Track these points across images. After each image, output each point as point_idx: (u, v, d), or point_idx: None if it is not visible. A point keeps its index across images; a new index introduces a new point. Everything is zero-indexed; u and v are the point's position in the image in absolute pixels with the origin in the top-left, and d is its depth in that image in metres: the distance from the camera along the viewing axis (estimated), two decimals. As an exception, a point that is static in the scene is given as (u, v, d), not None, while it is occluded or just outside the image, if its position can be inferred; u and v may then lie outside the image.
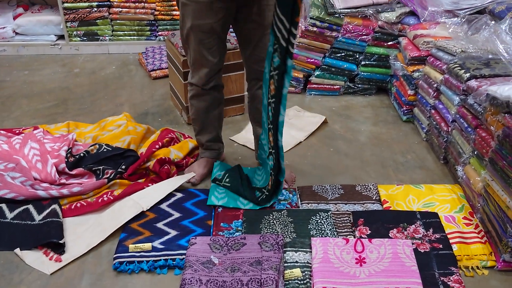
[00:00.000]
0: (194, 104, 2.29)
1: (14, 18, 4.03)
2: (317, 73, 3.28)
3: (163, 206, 2.20)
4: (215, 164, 2.43)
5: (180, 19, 2.10)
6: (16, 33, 4.02)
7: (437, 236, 1.99)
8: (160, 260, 1.90)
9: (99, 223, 2.11)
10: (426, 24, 2.95)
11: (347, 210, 2.16)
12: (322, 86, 3.32)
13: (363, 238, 1.98)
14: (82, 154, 2.43)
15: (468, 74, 2.26)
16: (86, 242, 2.01)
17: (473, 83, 2.21)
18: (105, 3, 3.91)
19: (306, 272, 1.82)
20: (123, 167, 2.37)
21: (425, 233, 2.01)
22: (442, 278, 1.80)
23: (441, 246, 1.94)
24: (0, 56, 3.95)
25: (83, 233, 2.07)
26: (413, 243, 1.95)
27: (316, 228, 2.04)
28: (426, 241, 1.97)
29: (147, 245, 1.96)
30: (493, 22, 2.60)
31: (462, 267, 1.89)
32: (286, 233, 2.01)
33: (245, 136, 2.80)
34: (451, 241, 1.97)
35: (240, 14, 2.05)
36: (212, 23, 2.01)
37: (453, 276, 1.81)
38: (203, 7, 1.98)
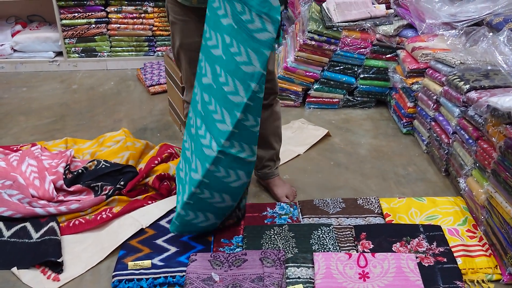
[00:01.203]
0: None
1: (13, 35, 4.04)
2: (316, 86, 3.28)
3: (163, 222, 2.17)
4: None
5: (171, 37, 2.09)
6: (15, 50, 4.02)
7: (441, 250, 1.96)
8: (160, 277, 1.87)
9: (98, 242, 2.08)
10: (424, 37, 2.95)
11: (349, 224, 2.14)
12: (321, 99, 3.32)
13: (366, 252, 1.95)
14: (80, 171, 2.41)
15: (468, 86, 2.25)
16: (84, 261, 1.98)
17: (473, 94, 2.20)
18: (103, 19, 3.92)
19: (308, 288, 1.79)
20: (122, 183, 2.34)
21: (429, 246, 1.98)
22: (447, 293, 1.77)
23: (445, 259, 1.91)
24: (-2, 73, 3.95)
25: (82, 252, 2.03)
26: (416, 257, 1.92)
27: (318, 243, 2.01)
28: (430, 255, 1.94)
29: (147, 262, 1.92)
30: (491, 33, 2.61)
31: (468, 281, 1.85)
32: (287, 248, 1.98)
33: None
34: (455, 254, 1.94)
35: None
36: (200, 41, 1.99)
37: (459, 290, 1.78)
38: (191, 25, 1.96)
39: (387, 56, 3.20)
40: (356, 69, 3.23)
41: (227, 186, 1.85)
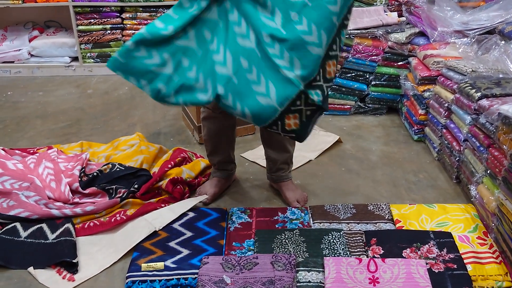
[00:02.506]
0: (206, 125, 2.31)
1: (30, 40, 4.12)
2: (327, 93, 3.30)
3: (175, 225, 2.20)
4: None
5: None
6: (32, 55, 4.11)
7: (451, 256, 1.97)
8: (173, 279, 1.90)
9: (112, 244, 2.12)
10: (436, 45, 2.97)
11: (359, 230, 2.15)
12: (332, 106, 3.34)
13: (376, 258, 1.97)
14: (95, 174, 2.45)
15: (479, 94, 2.26)
16: (99, 263, 2.02)
17: (484, 102, 2.21)
18: (118, 25, 3.99)
19: (319, 292, 1.81)
20: (136, 186, 2.38)
21: (439, 253, 1.99)
22: (457, 299, 1.78)
23: (455, 266, 1.92)
24: (16, 78, 4.03)
25: (96, 253, 2.08)
26: (427, 263, 1.93)
27: (329, 247, 2.03)
28: (440, 261, 1.95)
29: (160, 264, 1.96)
30: (503, 42, 2.62)
31: (477, 288, 1.86)
32: (298, 252, 2.01)
33: (256, 153, 2.82)
34: (465, 261, 1.95)
35: None
36: None
37: (468, 296, 1.79)
38: None
39: (399, 63, 3.22)
40: (367, 76, 3.26)
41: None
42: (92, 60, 4.08)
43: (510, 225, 1.88)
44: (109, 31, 4.00)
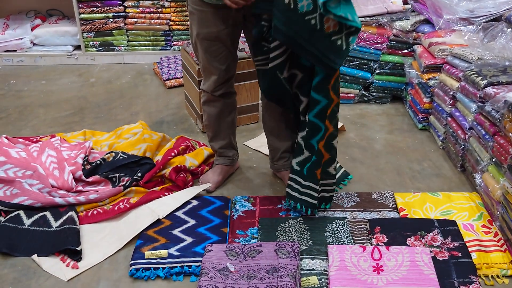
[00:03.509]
0: (206, 110, 2.31)
1: (32, 29, 4.10)
2: (331, 81, 3.28)
3: (179, 213, 2.20)
4: None
5: (189, 27, 2.14)
6: (34, 44, 4.08)
7: (455, 244, 1.96)
8: (176, 267, 1.90)
9: (116, 232, 2.12)
10: (441, 32, 2.94)
11: (363, 218, 2.15)
12: (336, 94, 3.32)
13: (380, 246, 1.96)
14: (98, 162, 2.45)
15: (485, 81, 2.24)
16: (103, 250, 2.02)
17: (490, 90, 2.19)
18: (121, 13, 3.96)
19: (323, 280, 1.81)
20: (139, 174, 2.38)
21: (443, 241, 1.98)
22: (461, 287, 1.77)
23: (460, 254, 1.92)
24: (18, 66, 4.02)
25: (100, 241, 2.08)
26: (431, 251, 1.92)
27: (333, 235, 2.03)
28: (445, 249, 1.94)
29: (163, 252, 1.96)
30: (509, 29, 2.59)
31: (482, 276, 1.86)
32: (302, 240, 2.00)
33: (259, 141, 2.81)
34: (470, 249, 1.94)
35: (249, 23, 2.05)
36: (217, 31, 2.03)
37: (473, 285, 1.78)
38: (208, 15, 2.00)
39: (404, 51, 3.19)
40: (372, 64, 3.23)
41: None
42: (95, 49, 4.06)
43: (516, 213, 1.87)
44: (111, 20, 3.97)
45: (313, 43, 1.80)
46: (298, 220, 2.12)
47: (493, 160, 2.12)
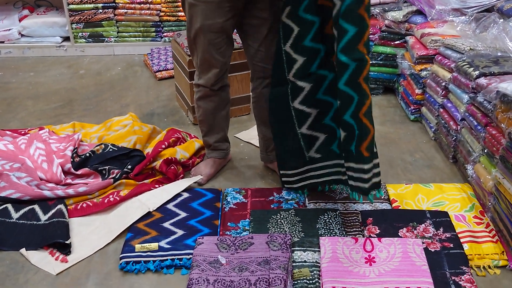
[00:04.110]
0: (202, 105, 2.27)
1: (20, 20, 4.04)
2: (323, 73, 3.26)
3: (170, 206, 2.18)
4: None
5: (187, 21, 2.07)
6: (22, 35, 4.03)
7: (447, 235, 1.96)
8: (167, 259, 1.88)
9: (106, 225, 2.09)
10: (433, 23, 2.92)
11: (355, 210, 2.14)
12: (328, 86, 3.30)
13: (372, 237, 1.96)
14: (88, 154, 2.42)
15: (477, 72, 2.23)
16: (92, 244, 2.00)
17: (482, 80, 2.18)
18: (111, 4, 3.91)
19: (314, 272, 1.80)
20: (129, 167, 2.35)
21: (435, 232, 1.98)
22: (453, 278, 1.77)
23: (451, 245, 1.91)
24: (6, 58, 3.96)
25: (90, 234, 2.05)
26: (423, 242, 1.92)
27: (325, 227, 2.01)
28: (437, 240, 1.94)
29: (154, 245, 1.94)
30: (501, 20, 2.58)
31: (474, 267, 1.86)
32: (294, 232, 1.99)
33: (250, 133, 2.79)
34: (462, 240, 1.94)
35: (246, 11, 2.03)
36: (222, 22, 1.99)
37: (465, 275, 1.78)
38: (213, 6, 1.95)
39: (396, 42, 3.18)
40: (364, 56, 3.21)
41: None
42: (84, 40, 4.01)
43: (507, 204, 1.86)
44: (101, 10, 3.92)
45: None
46: (290, 212, 2.11)
47: (485, 151, 2.12)
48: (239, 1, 1.96)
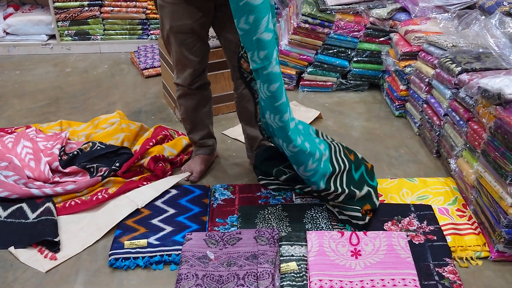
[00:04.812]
0: (183, 103, 2.28)
1: (5, 18, 4.00)
2: (309, 69, 3.29)
3: (158, 203, 2.19)
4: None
5: (160, 21, 2.08)
6: (7, 33, 4.00)
7: (431, 228, 2.00)
8: (156, 256, 1.90)
9: (94, 222, 2.10)
10: (417, 20, 2.97)
11: (341, 204, 2.17)
12: (314, 82, 3.33)
13: (357, 231, 1.99)
14: (75, 152, 2.42)
15: (459, 68, 2.28)
16: (81, 241, 2.01)
17: (464, 76, 2.23)
18: (96, 2, 3.89)
19: (302, 265, 1.83)
20: (117, 164, 2.36)
21: (419, 225, 2.02)
22: (437, 269, 1.81)
23: (435, 237, 1.96)
24: (-9, 57, 3.93)
25: (78, 232, 2.06)
26: (407, 235, 1.96)
27: (311, 222, 2.05)
28: (421, 233, 1.98)
29: (143, 241, 1.95)
30: (483, 17, 2.63)
31: (457, 258, 1.90)
32: (281, 227, 2.02)
33: (237, 130, 2.81)
34: (445, 232, 1.98)
35: (219, 12, 2.03)
36: (191, 23, 1.99)
37: (448, 267, 1.82)
38: (180, 8, 1.95)
39: (380, 39, 3.22)
40: (349, 53, 3.25)
41: None
42: (70, 38, 3.99)
43: (489, 197, 1.91)
44: (86, 8, 3.90)
45: None
46: (277, 207, 2.14)
47: (467, 145, 2.16)
48: (209, 2, 1.97)
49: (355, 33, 3.17)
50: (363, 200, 2.05)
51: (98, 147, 2.45)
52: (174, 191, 2.26)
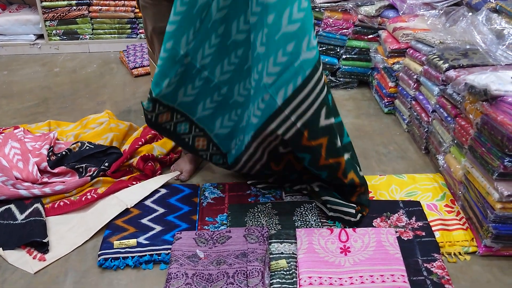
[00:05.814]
0: None
1: (-8, 18, 3.98)
2: (299, 67, 3.29)
3: (148, 202, 2.19)
4: None
5: (143, 21, 2.06)
6: (-6, 33, 3.97)
7: (419, 224, 2.02)
8: (146, 255, 1.89)
9: (83, 223, 2.09)
10: (405, 17, 2.98)
11: (331, 201, 2.18)
12: (304, 80, 3.33)
13: (347, 228, 2.00)
14: (64, 152, 2.41)
15: (446, 65, 2.29)
16: (70, 242, 2.00)
17: (451, 73, 2.24)
18: (85, 1, 3.88)
19: (291, 263, 1.83)
20: (106, 164, 2.35)
21: (408, 221, 2.04)
22: (425, 265, 1.83)
23: (423, 233, 1.97)
24: (-22, 57, 3.90)
25: (67, 232, 2.05)
26: (396, 232, 1.97)
27: (301, 219, 2.05)
28: (409, 229, 1.99)
29: (132, 241, 1.95)
30: (470, 13, 2.65)
31: (445, 254, 1.91)
32: (271, 225, 2.02)
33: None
34: (433, 228, 2.00)
35: None
36: None
37: (436, 262, 1.84)
38: (162, 9, 1.93)
39: (369, 36, 3.23)
40: (338, 50, 3.26)
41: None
42: (58, 38, 3.97)
43: (476, 192, 1.93)
44: (74, 7, 3.88)
45: None
46: (267, 205, 2.14)
47: (455, 141, 2.18)
48: None
49: (343, 31, 3.18)
50: (345, 150, 2.02)
51: (87, 147, 2.44)
52: (163, 190, 2.26)
